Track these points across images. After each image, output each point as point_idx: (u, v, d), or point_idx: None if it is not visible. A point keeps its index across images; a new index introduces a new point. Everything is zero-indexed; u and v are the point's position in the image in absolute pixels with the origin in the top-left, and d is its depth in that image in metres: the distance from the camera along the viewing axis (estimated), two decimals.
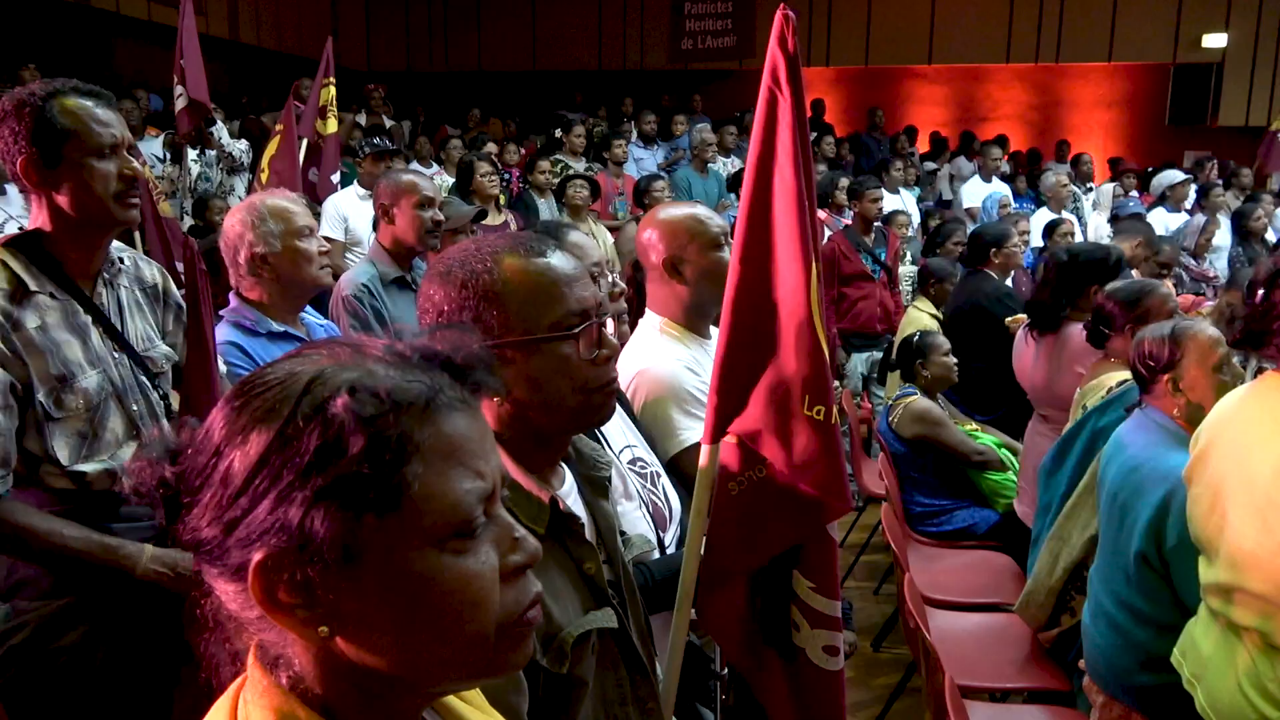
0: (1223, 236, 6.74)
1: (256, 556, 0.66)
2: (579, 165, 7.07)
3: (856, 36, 11.38)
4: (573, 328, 1.18)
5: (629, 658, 1.24)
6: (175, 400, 1.94)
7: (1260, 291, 1.73)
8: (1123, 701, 2.19)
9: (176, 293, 2.04)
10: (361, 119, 8.53)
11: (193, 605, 0.73)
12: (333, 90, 5.29)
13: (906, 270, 6.03)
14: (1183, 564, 2.03)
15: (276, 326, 2.35)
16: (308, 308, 2.58)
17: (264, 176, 5.00)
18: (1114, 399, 2.76)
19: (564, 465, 1.29)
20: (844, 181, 6.02)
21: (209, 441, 0.69)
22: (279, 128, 5.09)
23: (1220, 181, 7.74)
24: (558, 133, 8.06)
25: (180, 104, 4.87)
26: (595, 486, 1.33)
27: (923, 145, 10.72)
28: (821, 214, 5.83)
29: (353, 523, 0.66)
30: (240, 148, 6.43)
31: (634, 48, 11.73)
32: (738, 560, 1.59)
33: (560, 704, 1.13)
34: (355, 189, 5.14)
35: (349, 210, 5.04)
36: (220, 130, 6.28)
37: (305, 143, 5.29)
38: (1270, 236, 6.64)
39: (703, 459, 1.58)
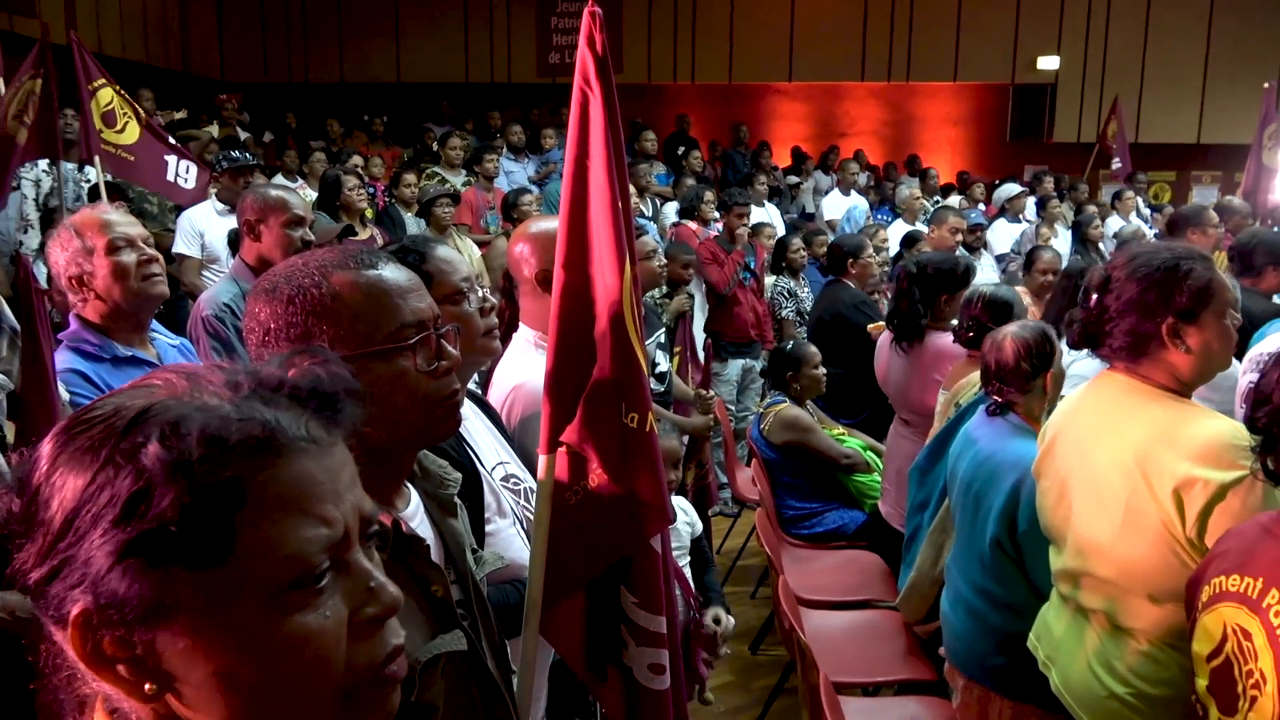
0: (1062, 245, 7.24)
1: (75, 609, 0.61)
2: (456, 179, 6.97)
3: (720, 53, 11.66)
4: (408, 339, 1.15)
5: (481, 679, 1.22)
6: (11, 431, 1.80)
7: (1094, 297, 1.86)
8: (981, 683, 2.31)
9: (11, 316, 1.89)
10: (214, 130, 8.17)
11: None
12: (110, 94, 4.44)
13: (769, 281, 6.20)
14: (1033, 547, 2.15)
15: (122, 350, 2.22)
16: (161, 328, 2.44)
17: None
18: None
19: (409, 485, 1.25)
20: (709, 195, 6.15)
21: (33, 479, 0.63)
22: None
23: (1056, 194, 8.32)
24: (435, 145, 7.90)
25: None
26: (443, 505, 1.29)
27: (783, 159, 11.06)
28: (692, 226, 5.95)
29: (164, 578, 0.60)
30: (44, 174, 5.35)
31: (501, 60, 11.67)
32: (579, 571, 1.58)
33: None
34: (212, 203, 4.92)
35: (206, 225, 4.81)
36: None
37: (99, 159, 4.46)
38: (1104, 245, 7.17)
39: (540, 470, 1.56)
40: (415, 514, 1.23)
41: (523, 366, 1.99)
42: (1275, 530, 1.36)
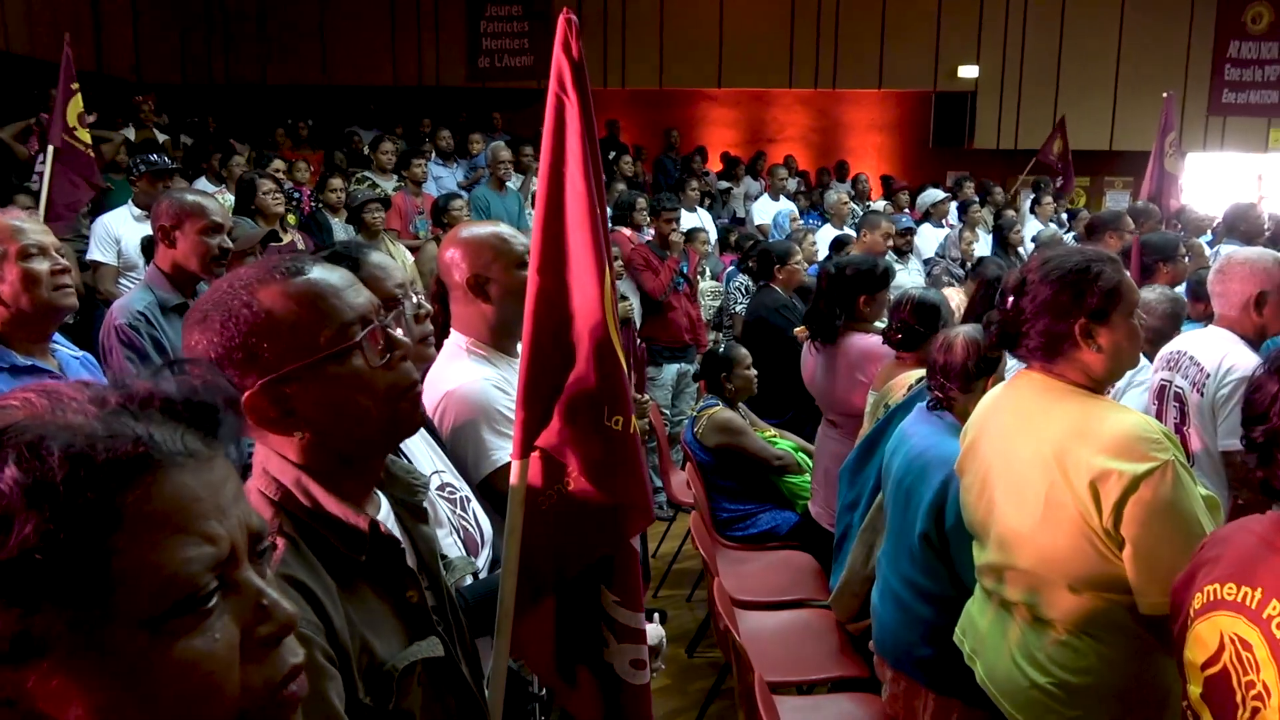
0: (983, 248, 7.45)
1: None
2: (388, 184, 6.87)
3: (650, 59, 11.71)
4: (354, 337, 1.12)
5: (456, 685, 1.21)
6: None
7: (1010, 299, 1.92)
8: (908, 675, 2.36)
9: None
10: (130, 133, 7.91)
11: None
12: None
13: (706, 286, 6.26)
14: (959, 542, 2.21)
15: (21, 360, 2.14)
16: (64, 340, 2.36)
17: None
18: (915, 395, 2.97)
19: (378, 492, 1.24)
20: (642, 202, 6.18)
21: None
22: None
23: (977, 198, 8.55)
24: (365, 149, 7.76)
25: None
26: (412, 510, 1.28)
27: (714, 165, 11.16)
28: (626, 231, 5.97)
29: (30, 613, 0.56)
30: None
31: (430, 64, 11.54)
32: (551, 575, 1.58)
33: None
34: (129, 209, 4.77)
35: (122, 231, 4.67)
36: None
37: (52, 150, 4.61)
38: (1023, 249, 7.40)
39: (513, 476, 1.55)
40: (386, 520, 1.22)
41: (454, 372, 1.97)
42: (1274, 540, 1.34)
